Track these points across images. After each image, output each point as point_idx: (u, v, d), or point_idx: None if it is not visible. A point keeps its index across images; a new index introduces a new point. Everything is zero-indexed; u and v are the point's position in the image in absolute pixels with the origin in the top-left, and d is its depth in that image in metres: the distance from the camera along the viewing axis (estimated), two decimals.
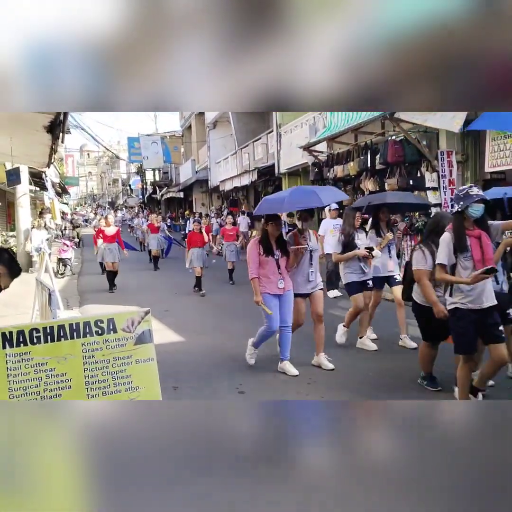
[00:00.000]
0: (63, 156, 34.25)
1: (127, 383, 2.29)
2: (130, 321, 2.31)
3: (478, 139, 8.88)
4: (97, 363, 2.25)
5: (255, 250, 4.85)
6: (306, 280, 5.06)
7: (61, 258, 13.11)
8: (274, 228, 4.86)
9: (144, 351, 2.33)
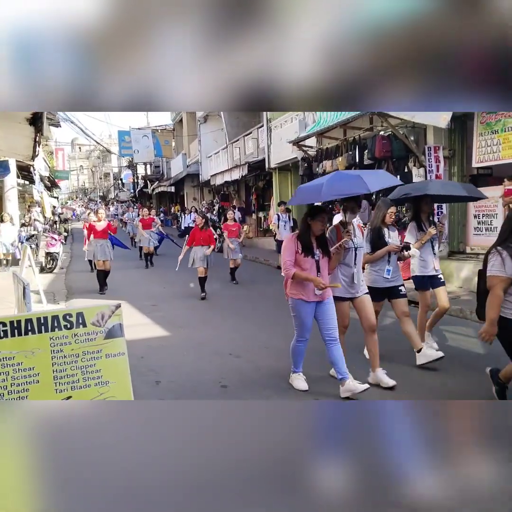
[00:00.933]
0: (53, 149, 33.96)
1: (97, 378, 2.28)
2: (100, 315, 2.29)
3: (465, 134, 8.91)
4: (66, 358, 2.23)
5: (292, 246, 4.11)
6: (350, 282, 4.38)
7: (49, 252, 13.00)
8: (318, 226, 4.08)
9: (114, 345, 2.31)
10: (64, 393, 2.20)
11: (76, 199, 64.49)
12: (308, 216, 4.11)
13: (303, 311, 4.19)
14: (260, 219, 18.80)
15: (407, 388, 4.30)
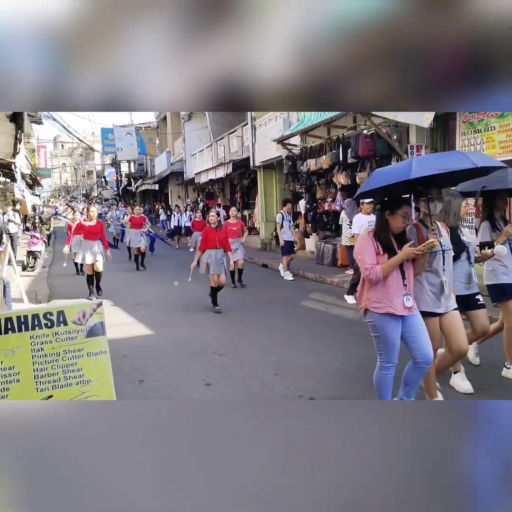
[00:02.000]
0: (35, 147, 33.50)
1: (78, 377, 2.26)
2: (81, 313, 2.27)
3: (447, 133, 9.01)
4: (47, 356, 2.21)
5: (371, 246, 3.29)
6: (439, 293, 3.53)
7: (31, 251, 12.86)
8: (399, 222, 3.25)
9: (96, 344, 2.29)
10: (45, 392, 2.18)
11: (59, 197, 63.71)
12: (385, 210, 3.29)
13: (392, 329, 3.27)
14: (245, 217, 18.80)
15: None
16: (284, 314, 7.23)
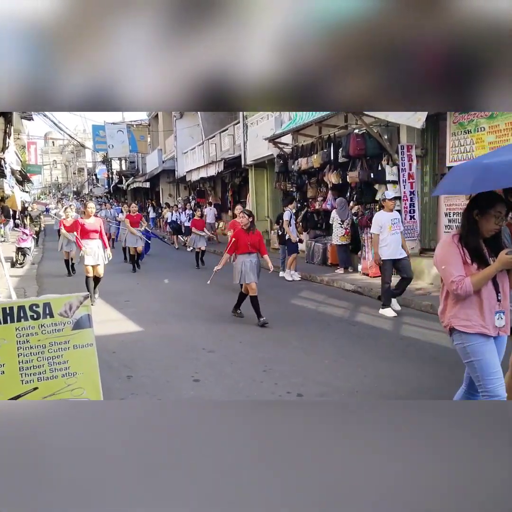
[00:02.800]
0: (25, 143, 33.22)
1: (64, 369, 2.24)
2: (68, 305, 2.26)
3: (437, 134, 9.08)
4: (32, 348, 2.20)
5: (457, 254, 2.73)
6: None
7: (20, 247, 12.79)
8: (491, 223, 2.70)
9: (82, 336, 2.28)
10: (30, 384, 2.17)
11: (49, 194, 63.26)
12: (474, 209, 2.73)
13: (488, 351, 2.73)
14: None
15: (375, 381, 4.38)
16: (274, 312, 7.24)
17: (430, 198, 9.18)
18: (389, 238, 6.76)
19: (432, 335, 5.83)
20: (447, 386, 4.21)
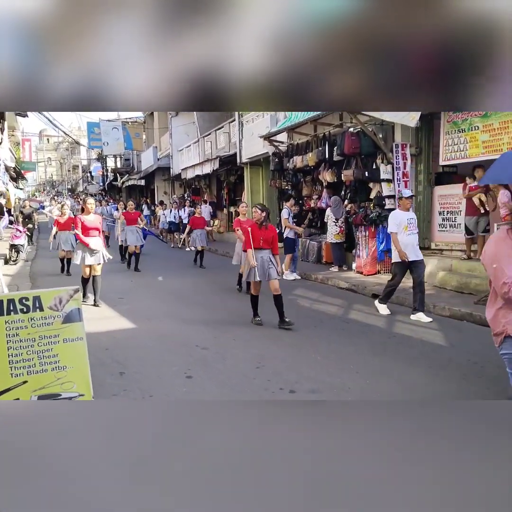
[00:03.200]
0: (19, 140, 33.09)
1: (54, 362, 2.24)
2: (58, 299, 2.25)
3: (431, 133, 9.11)
4: (22, 342, 2.18)
5: (505, 248, 2.44)
6: None
7: (14, 244, 12.72)
8: None
9: (72, 330, 2.27)
10: (20, 377, 2.16)
11: (44, 192, 62.98)
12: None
13: None
14: (231, 214, 18.78)
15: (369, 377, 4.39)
16: (267, 309, 7.24)
17: (424, 197, 9.21)
18: (404, 239, 6.35)
19: (424, 333, 5.85)
20: (438, 382, 4.24)
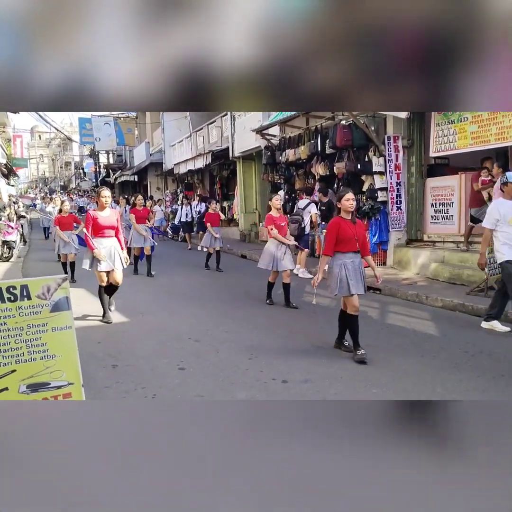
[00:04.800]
0: (10, 136, 32.80)
1: (43, 351, 2.23)
2: (46, 288, 2.24)
3: (423, 124, 9.11)
4: (10, 331, 2.17)
5: None
6: None
7: (6, 240, 12.63)
8: None
9: (61, 319, 2.26)
10: (8, 366, 2.14)
11: (36, 189, 62.58)
12: None
13: None
14: (224, 208, 18.74)
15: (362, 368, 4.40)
16: (261, 302, 7.25)
17: (417, 188, 9.23)
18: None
19: (416, 324, 5.88)
20: (430, 371, 4.26)
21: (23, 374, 2.17)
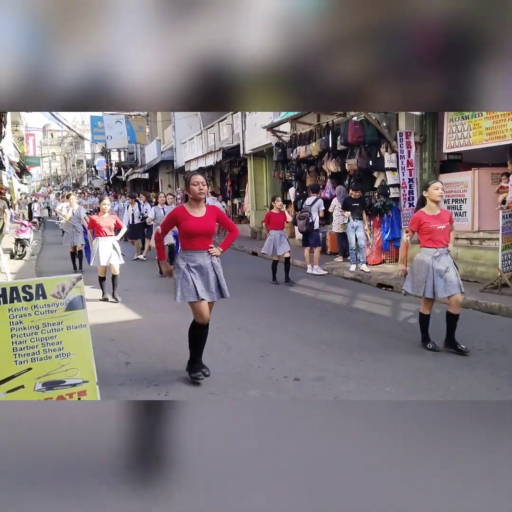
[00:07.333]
0: (23, 135, 33.12)
1: (58, 350, 2.25)
2: (61, 287, 2.26)
3: (436, 120, 9.02)
4: (26, 329, 2.20)
5: None
6: None
7: (19, 238, 12.76)
8: None
9: (76, 318, 2.29)
10: (24, 364, 2.18)
11: (49, 187, 63.12)
12: None
13: None
14: (235, 205, 18.75)
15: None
16: (272, 299, 7.25)
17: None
18: None
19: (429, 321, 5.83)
20: (443, 369, 4.23)
21: (38, 372, 2.20)
